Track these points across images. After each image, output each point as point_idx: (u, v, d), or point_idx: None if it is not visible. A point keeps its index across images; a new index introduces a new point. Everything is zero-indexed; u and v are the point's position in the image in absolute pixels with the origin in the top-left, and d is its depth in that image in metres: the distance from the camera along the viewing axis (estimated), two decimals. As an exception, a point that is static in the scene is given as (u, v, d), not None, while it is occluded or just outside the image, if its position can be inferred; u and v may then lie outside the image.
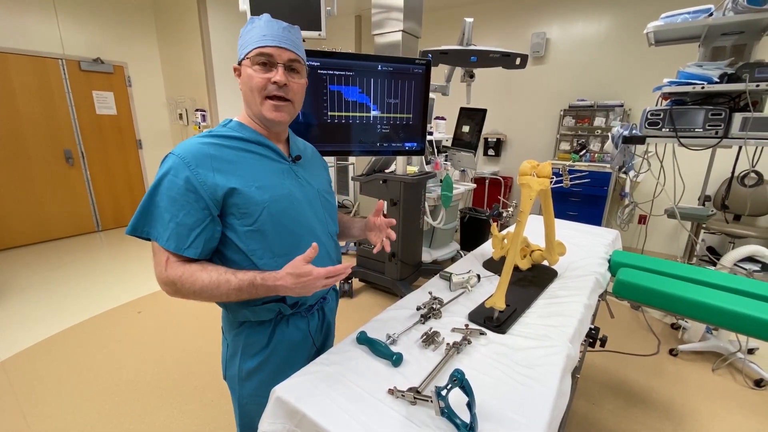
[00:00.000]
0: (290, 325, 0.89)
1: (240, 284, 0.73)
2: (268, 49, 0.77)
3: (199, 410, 1.78)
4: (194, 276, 0.73)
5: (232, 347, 0.90)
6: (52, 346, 2.27)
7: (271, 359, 0.88)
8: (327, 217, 0.94)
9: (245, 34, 0.80)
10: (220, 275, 0.74)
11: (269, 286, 0.73)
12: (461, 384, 0.60)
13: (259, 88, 0.78)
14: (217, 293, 0.73)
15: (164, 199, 0.73)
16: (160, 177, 0.74)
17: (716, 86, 1.76)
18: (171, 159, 0.74)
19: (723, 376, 2.03)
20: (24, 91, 3.77)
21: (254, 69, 0.78)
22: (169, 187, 0.73)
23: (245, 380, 0.89)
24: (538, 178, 0.98)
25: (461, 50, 1.76)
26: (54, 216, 4.15)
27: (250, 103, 0.81)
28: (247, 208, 0.77)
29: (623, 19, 3.65)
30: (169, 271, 0.73)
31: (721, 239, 3.42)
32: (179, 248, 0.74)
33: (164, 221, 0.73)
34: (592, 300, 1.17)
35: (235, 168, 0.77)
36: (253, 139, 0.83)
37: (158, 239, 0.74)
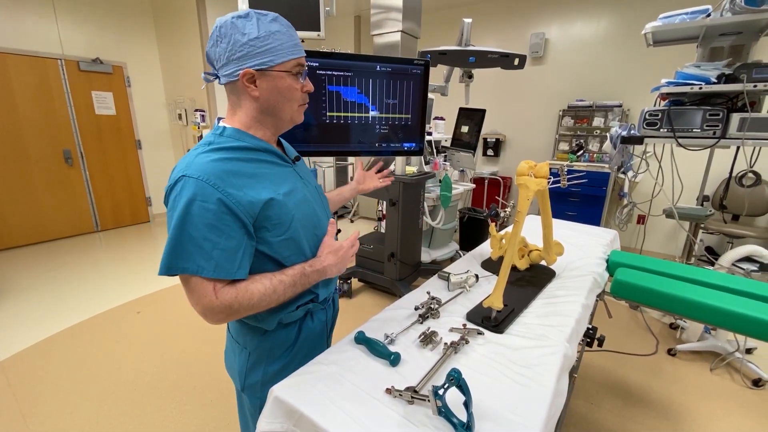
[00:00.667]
0: (314, 319, 0.91)
1: (293, 279, 0.76)
2: (303, 60, 0.77)
3: (198, 410, 1.78)
4: (249, 291, 0.71)
5: (255, 355, 0.87)
6: (51, 346, 2.27)
7: (296, 357, 0.88)
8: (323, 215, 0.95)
9: (265, 37, 0.71)
10: (272, 279, 0.74)
11: (318, 270, 0.80)
12: (458, 383, 0.60)
13: (299, 99, 0.79)
14: (275, 297, 0.74)
15: (200, 228, 0.67)
16: (187, 205, 0.67)
17: (714, 87, 1.77)
18: (192, 183, 0.67)
19: (721, 376, 2.04)
20: (23, 92, 3.77)
21: (295, 80, 0.77)
22: (201, 214, 0.67)
23: (269, 382, 0.83)
24: (535, 179, 0.98)
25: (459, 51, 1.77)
26: (53, 216, 4.15)
27: (281, 111, 0.78)
28: (280, 218, 0.75)
29: (622, 20, 3.65)
30: (221, 298, 0.69)
31: (719, 239, 3.43)
32: (230, 274, 0.70)
33: (205, 252, 0.68)
34: (589, 300, 1.17)
35: (258, 180, 0.74)
36: (258, 147, 0.78)
37: (201, 272, 0.68)
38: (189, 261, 0.67)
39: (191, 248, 0.67)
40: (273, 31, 0.72)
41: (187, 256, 0.67)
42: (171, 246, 0.67)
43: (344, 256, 0.84)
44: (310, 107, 1.55)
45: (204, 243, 0.68)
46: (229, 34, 0.71)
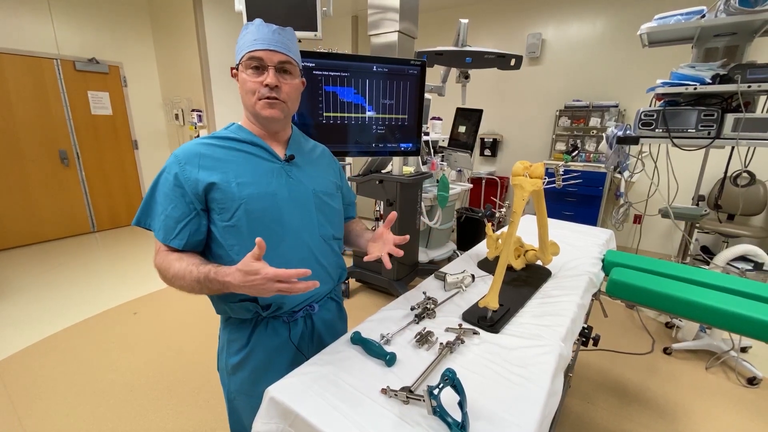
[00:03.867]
0: (269, 329, 0.89)
1: (199, 276, 0.75)
2: (258, 53, 0.80)
3: (194, 411, 1.77)
4: (170, 265, 0.78)
5: (221, 340, 0.96)
6: (47, 347, 2.26)
7: (250, 359, 0.90)
8: (322, 219, 0.92)
9: (239, 39, 0.83)
10: (188, 266, 0.77)
11: (220, 281, 0.71)
12: (452, 383, 0.60)
13: (252, 90, 0.82)
14: (183, 283, 0.77)
15: (160, 194, 0.81)
16: (159, 174, 0.82)
17: (709, 87, 1.78)
18: (169, 159, 0.82)
19: (716, 375, 2.05)
20: (18, 92, 3.75)
21: (247, 73, 0.82)
22: (163, 183, 0.81)
23: (231, 374, 0.93)
24: (530, 179, 0.98)
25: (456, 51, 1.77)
26: (49, 217, 4.13)
27: (246, 104, 0.85)
28: (225, 203, 0.80)
29: (618, 21, 3.67)
30: (156, 259, 0.82)
31: (714, 238, 3.45)
32: (166, 239, 0.80)
33: (158, 214, 0.81)
34: (585, 299, 1.18)
35: (221, 165, 0.82)
36: (246, 140, 0.87)
37: (153, 230, 0.82)
38: (150, 218, 0.83)
39: (153, 209, 0.82)
40: (245, 33, 0.82)
41: (150, 214, 0.83)
42: (143, 203, 0.83)
43: (255, 283, 0.67)
44: (306, 107, 1.56)
45: (158, 207, 0.81)
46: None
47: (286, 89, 0.83)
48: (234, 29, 4.27)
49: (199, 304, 2.81)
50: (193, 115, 4.37)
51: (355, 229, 1.09)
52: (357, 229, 1.10)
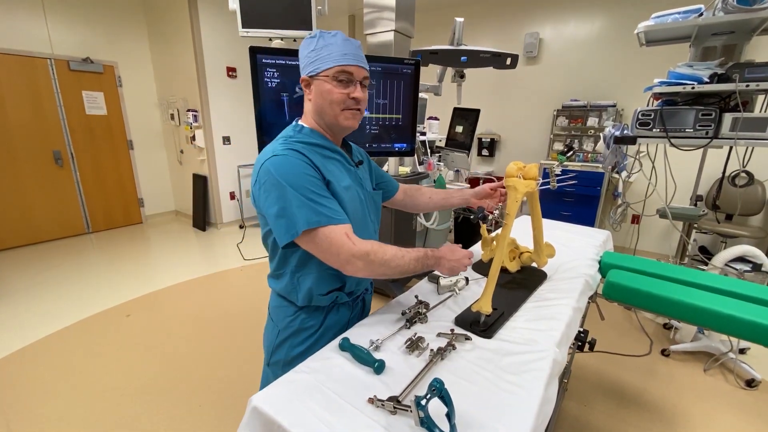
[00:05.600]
0: (339, 313, 0.98)
1: (417, 255, 0.86)
2: (350, 68, 0.84)
3: (186, 416, 1.75)
4: (382, 247, 0.82)
5: (283, 334, 0.96)
6: (39, 350, 2.23)
7: (319, 344, 0.92)
8: (375, 217, 1.04)
9: (318, 48, 0.83)
10: (399, 248, 0.84)
11: (436, 256, 0.89)
12: (440, 394, 0.58)
13: (339, 102, 0.85)
14: (402, 263, 0.83)
15: (310, 188, 0.79)
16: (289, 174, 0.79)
17: (706, 86, 1.76)
18: (282, 159, 0.80)
19: (714, 377, 2.04)
20: (12, 92, 3.72)
21: (333, 84, 0.84)
22: (305, 177, 0.80)
23: (288, 365, 0.93)
24: (524, 180, 0.96)
25: (451, 50, 1.75)
26: (43, 218, 4.10)
27: (326, 113, 0.87)
28: (342, 205, 0.85)
29: (615, 20, 3.65)
30: (359, 245, 0.80)
31: (712, 239, 3.44)
32: (348, 220, 0.83)
33: (326, 205, 0.80)
34: (581, 303, 1.15)
35: (326, 169, 0.86)
36: (329, 146, 0.90)
37: (333, 221, 0.79)
38: (317, 215, 0.78)
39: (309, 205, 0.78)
40: (327, 44, 0.83)
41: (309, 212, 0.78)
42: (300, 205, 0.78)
43: (459, 256, 0.92)
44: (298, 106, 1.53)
45: (320, 199, 0.80)
46: (301, 50, 0.87)
47: (365, 101, 0.90)
48: (229, 29, 4.24)
49: (191, 307, 2.78)
50: (188, 115, 4.34)
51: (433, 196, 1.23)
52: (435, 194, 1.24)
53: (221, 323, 2.54)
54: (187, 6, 3.92)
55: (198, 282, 3.21)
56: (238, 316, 2.63)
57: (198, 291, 3.05)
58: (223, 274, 3.38)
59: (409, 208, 1.25)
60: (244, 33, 2.43)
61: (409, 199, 1.22)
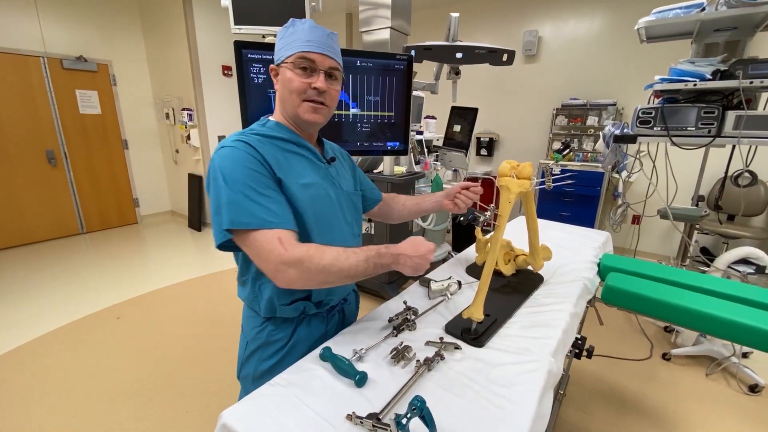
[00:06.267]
0: (311, 326, 0.91)
1: (368, 254, 0.75)
2: (312, 55, 0.78)
3: (173, 422, 1.70)
4: (321, 249, 0.73)
5: (252, 345, 0.90)
6: (27, 353, 2.19)
7: (288, 359, 0.87)
8: (353, 219, 0.96)
9: (287, 36, 0.80)
10: (345, 249, 0.74)
11: (393, 253, 0.77)
12: (421, 413, 0.53)
13: (299, 91, 0.79)
14: (346, 265, 0.72)
15: (249, 185, 0.71)
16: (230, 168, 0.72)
17: (709, 83, 1.71)
18: (230, 150, 0.74)
19: (717, 381, 1.98)
20: (4, 91, 3.67)
21: (295, 72, 0.78)
22: (247, 173, 0.72)
23: (258, 379, 0.88)
24: (518, 180, 0.91)
25: (445, 46, 1.70)
26: (36, 218, 4.05)
27: (287, 104, 0.82)
28: (296, 203, 0.79)
29: (616, 17, 3.60)
30: (291, 250, 0.70)
31: (714, 240, 3.38)
32: (291, 225, 0.74)
33: (262, 204, 0.72)
34: (579, 308, 1.10)
35: (281, 165, 0.79)
36: (293, 140, 0.84)
37: (264, 224, 0.70)
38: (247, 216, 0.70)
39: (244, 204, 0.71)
40: (295, 31, 0.79)
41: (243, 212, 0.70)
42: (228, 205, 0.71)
43: (423, 251, 0.79)
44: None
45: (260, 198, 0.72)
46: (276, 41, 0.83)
47: (332, 94, 0.83)
48: (224, 26, 4.18)
49: (184, 308, 2.74)
50: (183, 114, 4.29)
51: (406, 202, 1.15)
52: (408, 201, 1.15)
53: (213, 326, 2.49)
54: (181, 3, 3.88)
55: (191, 283, 3.16)
56: (231, 319, 2.58)
57: (191, 292, 3.00)
58: (218, 276, 3.33)
59: (386, 217, 1.18)
60: (236, 30, 2.38)
61: (386, 207, 1.16)
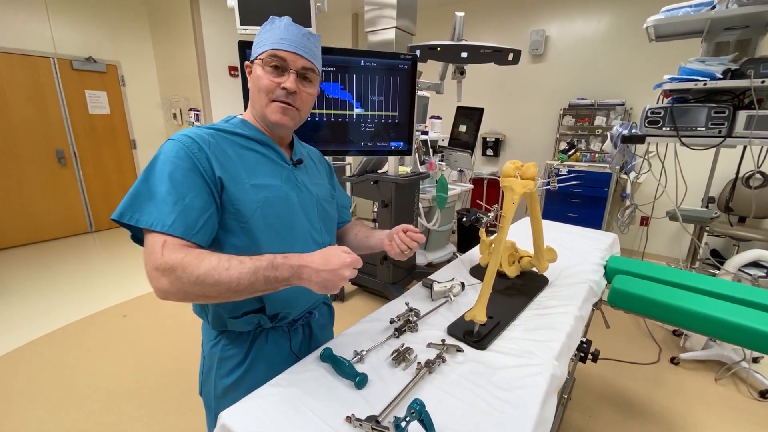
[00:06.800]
0: (269, 341, 0.84)
1: (257, 265, 0.62)
2: (283, 53, 0.74)
3: (175, 422, 1.71)
4: (199, 257, 0.62)
5: (208, 361, 0.85)
6: (33, 350, 2.22)
7: (248, 376, 0.82)
8: (322, 227, 0.88)
9: (262, 33, 0.77)
10: (228, 259, 0.63)
11: (293, 265, 0.63)
12: (420, 417, 0.52)
13: (267, 90, 0.76)
14: (224, 278, 0.61)
15: (165, 182, 0.65)
16: (159, 160, 0.68)
17: (719, 83, 1.68)
18: (170, 143, 0.69)
19: (726, 387, 1.95)
20: (15, 91, 3.73)
21: (265, 70, 0.75)
22: (172, 169, 0.66)
23: (221, 398, 0.83)
24: (521, 180, 0.90)
25: (450, 45, 1.69)
26: (46, 217, 4.11)
27: (255, 102, 0.79)
28: (239, 205, 0.72)
29: (624, 16, 3.55)
30: (167, 255, 0.61)
31: (725, 242, 3.32)
32: (188, 233, 0.65)
33: (167, 204, 0.64)
34: (584, 311, 1.09)
35: (231, 161, 0.73)
36: (255, 138, 0.79)
37: (154, 225, 0.63)
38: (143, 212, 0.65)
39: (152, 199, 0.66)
40: (272, 28, 0.75)
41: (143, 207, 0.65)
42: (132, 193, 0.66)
43: (335, 265, 0.64)
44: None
45: (168, 196, 0.65)
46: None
47: (303, 97, 0.79)
48: (230, 28, 4.20)
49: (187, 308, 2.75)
50: (190, 114, 4.33)
51: (359, 233, 1.05)
52: (361, 231, 1.05)
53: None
54: (189, 5, 3.91)
55: (197, 282, 3.18)
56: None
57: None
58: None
59: (341, 241, 1.07)
60: (242, 30, 2.39)
61: (344, 231, 1.08)
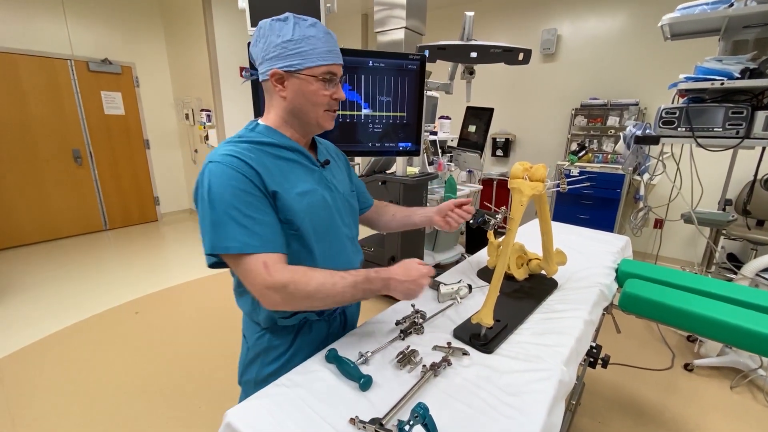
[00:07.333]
0: (312, 330, 0.90)
1: (355, 279, 0.74)
2: (335, 68, 0.78)
3: (186, 417, 1.73)
4: (307, 275, 0.71)
5: (252, 351, 0.90)
6: (48, 345, 2.27)
7: (291, 363, 0.85)
8: (351, 221, 0.94)
9: (299, 41, 0.73)
10: (331, 274, 0.73)
11: (384, 278, 0.76)
12: (423, 421, 0.52)
13: (324, 104, 0.79)
14: (332, 292, 0.72)
15: (232, 207, 0.69)
16: (214, 185, 0.70)
17: (737, 82, 1.63)
18: (217, 167, 0.71)
19: (742, 395, 1.89)
20: (34, 92, 3.83)
21: (319, 85, 0.77)
22: (232, 192, 0.69)
23: (261, 383, 0.85)
24: (530, 182, 0.89)
25: (459, 45, 1.67)
26: (62, 215, 4.21)
27: (305, 114, 0.80)
28: (288, 215, 0.76)
29: (639, 14, 3.49)
30: (276, 275, 0.69)
31: (742, 246, 3.23)
32: (275, 247, 0.72)
33: (247, 227, 0.69)
34: (594, 315, 1.07)
35: (275, 174, 0.76)
36: (285, 145, 0.81)
37: (245, 249, 0.69)
38: (229, 239, 0.69)
39: (229, 226, 0.69)
40: (308, 36, 0.74)
41: (225, 234, 0.69)
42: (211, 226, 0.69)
43: (414, 276, 0.78)
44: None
45: (244, 219, 0.69)
46: (267, 35, 0.75)
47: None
48: (242, 29, 4.25)
49: (198, 305, 2.79)
50: (202, 115, 4.38)
51: (396, 213, 1.10)
52: (399, 212, 1.10)
53: (227, 323, 2.53)
54: (201, 6, 3.96)
55: (206, 280, 3.22)
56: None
57: (205, 289, 3.06)
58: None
59: (374, 225, 1.13)
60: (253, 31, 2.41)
61: (375, 215, 1.11)
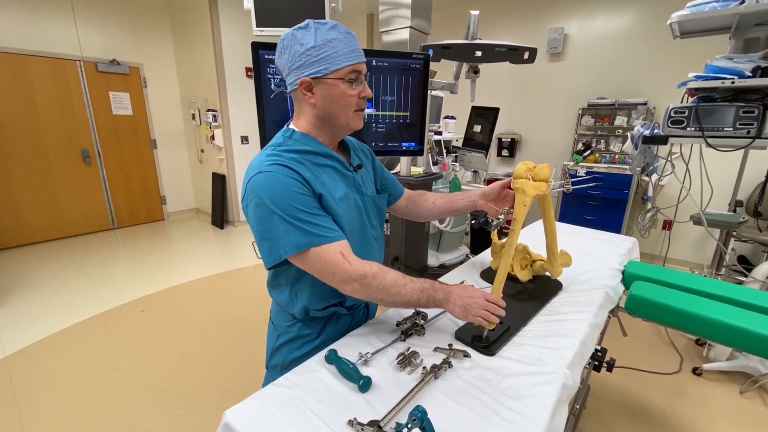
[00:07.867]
0: (339, 321, 0.94)
1: (422, 285, 0.79)
2: (360, 66, 0.78)
3: (188, 415, 1.74)
4: (383, 270, 0.77)
5: (283, 338, 0.93)
6: (54, 343, 2.30)
7: (315, 351, 0.87)
8: (377, 223, 0.97)
9: (322, 45, 0.73)
10: (403, 275, 0.78)
11: (445, 290, 0.81)
12: (421, 424, 0.51)
13: (353, 105, 0.79)
14: (402, 291, 0.77)
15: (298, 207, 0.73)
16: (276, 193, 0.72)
17: (748, 81, 1.60)
18: (269, 176, 0.73)
19: (752, 400, 1.85)
20: (43, 92, 3.88)
21: (347, 85, 0.77)
22: (292, 196, 0.73)
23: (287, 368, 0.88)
24: (534, 182, 0.87)
25: (464, 44, 1.66)
26: (71, 213, 4.26)
27: (337, 117, 0.80)
28: (334, 218, 0.79)
29: (647, 12, 3.44)
30: (355, 264, 0.75)
31: (753, 248, 3.17)
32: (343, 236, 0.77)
33: (317, 224, 0.74)
34: (599, 318, 1.05)
35: (317, 181, 0.78)
36: (322, 152, 0.82)
37: (325, 240, 0.74)
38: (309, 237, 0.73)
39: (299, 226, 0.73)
40: (329, 39, 0.74)
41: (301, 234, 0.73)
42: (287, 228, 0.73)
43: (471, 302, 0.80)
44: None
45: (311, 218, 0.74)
46: (290, 45, 0.75)
47: None
48: (247, 30, 4.27)
49: (203, 304, 2.80)
50: (208, 115, 4.41)
51: (437, 200, 1.11)
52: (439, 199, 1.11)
53: (230, 322, 2.55)
54: (208, 8, 3.99)
55: (212, 279, 3.24)
56: (247, 316, 2.63)
57: (211, 288, 3.08)
58: (237, 273, 3.40)
59: (413, 215, 1.14)
60: (258, 32, 2.42)
61: (413, 205, 1.12)
